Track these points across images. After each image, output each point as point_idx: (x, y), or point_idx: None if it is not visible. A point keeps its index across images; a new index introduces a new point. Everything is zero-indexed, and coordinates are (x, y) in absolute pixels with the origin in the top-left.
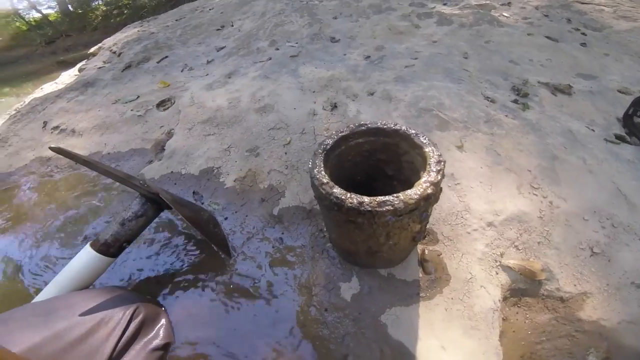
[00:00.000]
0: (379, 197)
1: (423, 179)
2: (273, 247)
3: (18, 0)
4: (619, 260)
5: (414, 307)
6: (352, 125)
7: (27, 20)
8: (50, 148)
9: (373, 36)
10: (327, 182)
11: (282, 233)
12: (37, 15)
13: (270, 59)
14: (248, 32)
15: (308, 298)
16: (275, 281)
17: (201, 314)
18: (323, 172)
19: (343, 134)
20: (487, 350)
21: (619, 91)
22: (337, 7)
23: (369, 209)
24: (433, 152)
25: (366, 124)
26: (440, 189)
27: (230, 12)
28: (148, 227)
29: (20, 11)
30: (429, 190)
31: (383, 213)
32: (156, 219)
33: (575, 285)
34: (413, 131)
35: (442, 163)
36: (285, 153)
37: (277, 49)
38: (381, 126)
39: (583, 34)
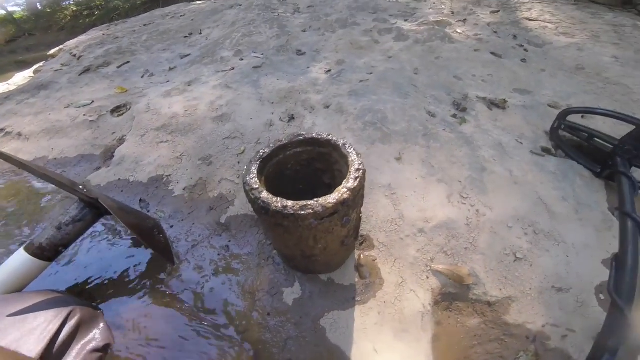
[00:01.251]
0: (301, 201)
1: (342, 185)
2: (219, 254)
3: None
4: (541, 265)
5: (350, 311)
6: (290, 136)
7: None
8: None
9: (336, 50)
10: (257, 188)
11: (229, 241)
12: (1, 12)
13: (233, 68)
14: (215, 41)
15: (251, 303)
16: (218, 287)
17: (142, 319)
18: (255, 178)
19: (281, 143)
20: (417, 353)
21: (550, 105)
22: (307, 21)
23: (292, 212)
24: (355, 161)
25: (303, 134)
26: (362, 195)
27: (201, 20)
28: (91, 232)
29: None
30: (346, 196)
31: (305, 216)
32: (100, 224)
33: (500, 289)
34: (341, 142)
35: (361, 171)
36: (239, 162)
37: (242, 59)
38: (316, 136)
39: (525, 50)
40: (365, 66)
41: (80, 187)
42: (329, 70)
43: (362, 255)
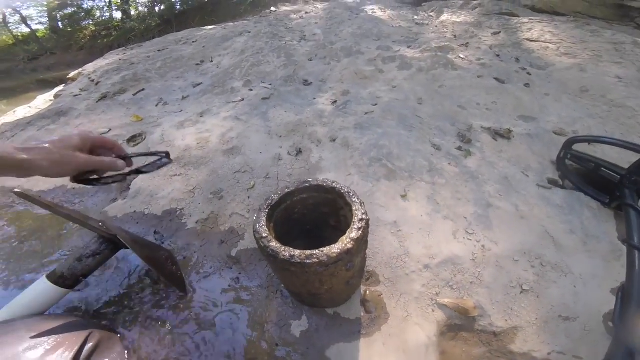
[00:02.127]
0: (307, 251)
1: (346, 235)
2: (229, 285)
3: (10, 13)
4: (547, 296)
5: (355, 343)
6: (297, 182)
7: (14, 34)
8: (14, 192)
9: (341, 80)
10: (266, 237)
11: (240, 273)
12: (26, 30)
13: (243, 99)
14: (225, 70)
15: (260, 333)
16: (228, 317)
17: (153, 347)
18: (264, 227)
19: (288, 190)
20: None
21: (555, 133)
22: (312, 49)
23: (299, 261)
24: (358, 211)
25: (309, 181)
26: (366, 242)
27: (212, 47)
28: (107, 262)
29: (10, 24)
30: (349, 246)
31: (311, 264)
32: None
33: (506, 320)
34: (346, 190)
35: (364, 222)
36: (249, 197)
37: (251, 90)
38: (321, 184)
39: (528, 73)
40: (370, 97)
41: (100, 224)
42: (335, 102)
43: (368, 291)
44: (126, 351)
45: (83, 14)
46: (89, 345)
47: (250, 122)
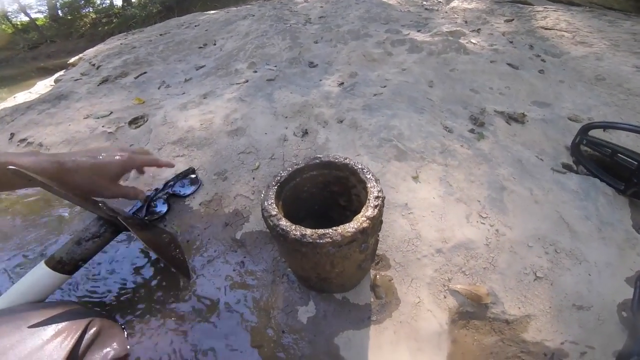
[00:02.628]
0: (320, 230)
1: (361, 214)
2: (234, 270)
3: (9, 2)
4: (561, 283)
5: (364, 330)
6: (306, 158)
7: (13, 23)
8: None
9: (348, 62)
10: (275, 215)
11: (244, 257)
12: (25, 19)
13: (247, 81)
14: (229, 52)
15: (266, 320)
16: (233, 303)
17: (156, 334)
18: (273, 204)
19: (298, 167)
20: None
21: (570, 119)
22: (318, 32)
23: (311, 240)
24: (374, 188)
25: (319, 157)
26: (381, 222)
27: (215, 30)
28: (107, 246)
29: (8, 13)
30: (365, 225)
31: (323, 244)
32: (116, 239)
33: (519, 308)
34: (359, 166)
35: (380, 199)
36: (253, 178)
37: (255, 72)
38: (332, 160)
39: (543, 60)
40: (378, 79)
41: (100, 204)
42: (342, 83)
43: (378, 276)
44: (128, 339)
45: (83, 1)
46: (90, 333)
47: (255, 104)
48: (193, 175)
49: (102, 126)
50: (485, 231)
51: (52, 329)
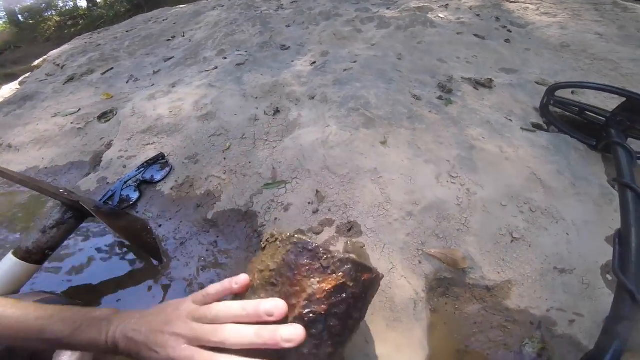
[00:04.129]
0: None
1: None
2: (207, 250)
3: None
4: (540, 245)
5: None
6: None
7: None
8: None
9: (320, 42)
10: None
11: (217, 236)
12: None
13: (216, 67)
14: (198, 42)
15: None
16: (207, 283)
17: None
18: None
19: None
20: (411, 343)
21: (537, 83)
22: (290, 16)
23: None
24: None
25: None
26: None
27: (183, 22)
28: (77, 234)
29: None
30: None
31: None
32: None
33: (499, 272)
34: None
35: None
36: (224, 158)
37: (225, 58)
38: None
39: (509, 31)
40: (349, 56)
41: (61, 190)
42: (314, 63)
43: (349, 243)
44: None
45: (44, 5)
46: None
47: (225, 88)
48: (163, 160)
49: (71, 123)
50: (456, 191)
51: None
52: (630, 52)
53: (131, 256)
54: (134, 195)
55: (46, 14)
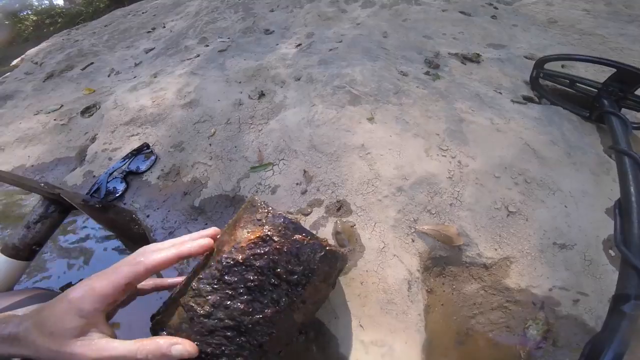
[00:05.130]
0: None
1: None
2: None
3: None
4: (537, 218)
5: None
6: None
7: None
8: None
9: (305, 24)
10: None
11: (206, 224)
12: None
13: (198, 55)
14: (179, 32)
15: None
16: None
17: (123, 312)
18: None
19: None
20: (406, 327)
21: (526, 57)
22: (274, 0)
23: None
24: None
25: None
26: None
27: (163, 14)
28: (64, 230)
29: None
30: None
31: None
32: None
33: (496, 249)
34: None
35: None
36: (210, 144)
37: (207, 46)
38: None
39: (495, 7)
40: (334, 36)
41: (42, 184)
42: (299, 45)
43: (339, 222)
44: None
45: (17, 4)
46: None
47: (207, 75)
48: (147, 150)
49: (54, 120)
50: (447, 163)
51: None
52: (619, 27)
53: (122, 247)
54: (121, 187)
55: (21, 14)
